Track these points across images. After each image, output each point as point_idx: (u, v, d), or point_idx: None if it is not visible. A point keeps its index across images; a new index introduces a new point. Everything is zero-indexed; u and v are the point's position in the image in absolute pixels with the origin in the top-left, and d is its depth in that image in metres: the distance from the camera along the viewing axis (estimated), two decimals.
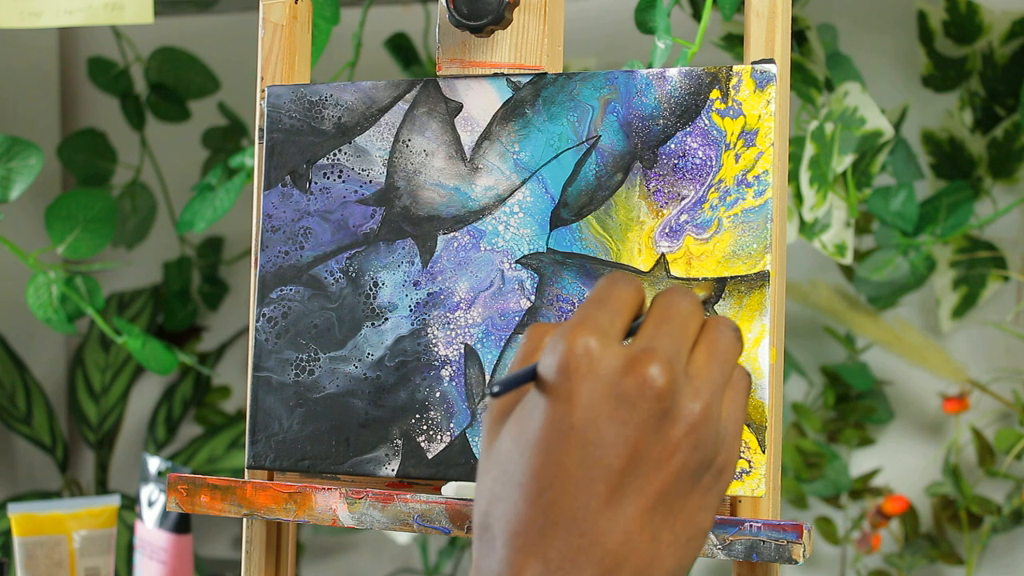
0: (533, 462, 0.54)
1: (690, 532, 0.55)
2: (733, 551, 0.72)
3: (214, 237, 1.59)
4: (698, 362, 0.56)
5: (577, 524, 0.53)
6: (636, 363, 0.54)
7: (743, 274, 0.75)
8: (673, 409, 0.54)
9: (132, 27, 1.51)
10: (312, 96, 0.84)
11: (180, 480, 0.83)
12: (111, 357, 1.60)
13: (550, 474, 0.54)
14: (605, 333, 0.55)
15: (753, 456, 0.73)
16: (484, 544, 0.55)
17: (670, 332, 0.55)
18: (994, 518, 1.29)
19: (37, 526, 1.15)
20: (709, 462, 0.55)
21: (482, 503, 0.56)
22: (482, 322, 0.79)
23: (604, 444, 0.53)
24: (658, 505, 0.54)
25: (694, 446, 0.54)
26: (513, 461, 0.55)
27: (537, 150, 0.79)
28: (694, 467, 0.55)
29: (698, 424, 0.54)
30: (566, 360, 0.54)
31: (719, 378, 0.56)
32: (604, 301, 0.56)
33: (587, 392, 0.54)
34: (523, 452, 0.54)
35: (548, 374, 0.54)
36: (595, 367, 0.54)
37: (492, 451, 0.56)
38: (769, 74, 0.75)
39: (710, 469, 0.55)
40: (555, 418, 0.54)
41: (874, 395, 1.37)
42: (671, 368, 0.54)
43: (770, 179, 0.75)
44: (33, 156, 1.12)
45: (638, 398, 0.53)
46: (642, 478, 0.54)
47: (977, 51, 1.29)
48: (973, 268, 1.30)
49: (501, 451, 0.56)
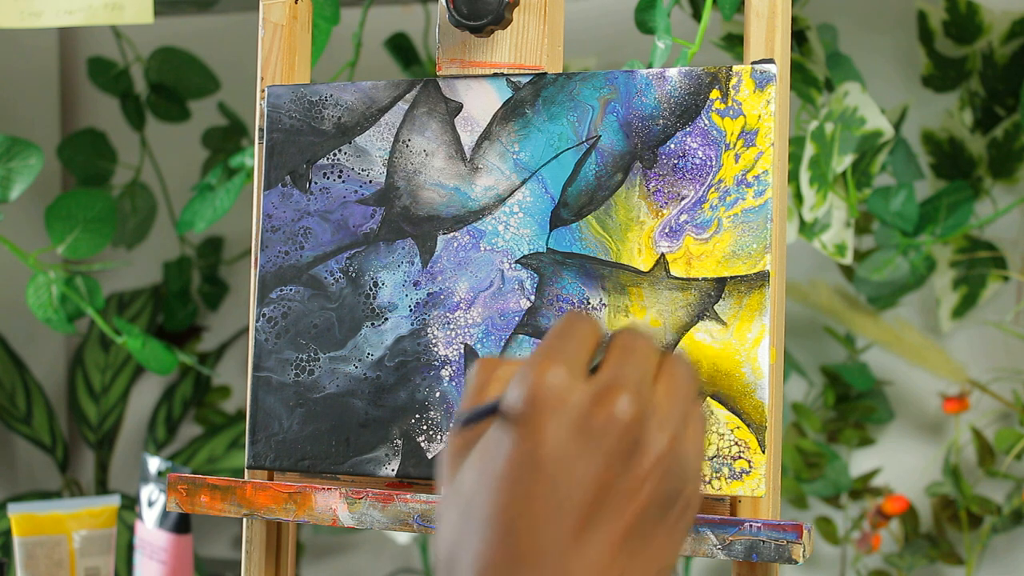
0: (499, 497, 0.53)
1: (658, 567, 0.54)
2: (733, 551, 0.72)
3: (214, 237, 1.59)
4: (660, 395, 0.55)
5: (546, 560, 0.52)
6: (605, 395, 0.53)
7: (743, 274, 0.75)
8: (641, 442, 0.53)
9: (132, 27, 1.51)
10: (312, 96, 0.84)
11: (180, 480, 0.83)
12: (111, 357, 1.60)
13: (517, 509, 0.52)
14: (573, 365, 0.54)
15: (753, 456, 0.73)
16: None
17: (634, 365, 0.55)
18: (994, 518, 1.29)
19: (37, 526, 1.15)
20: (677, 494, 0.55)
21: (446, 541, 0.55)
22: (482, 322, 0.79)
23: (573, 478, 0.52)
24: (627, 540, 0.53)
25: (662, 477, 0.54)
26: (478, 496, 0.53)
27: (537, 150, 0.79)
28: (662, 500, 0.54)
29: (665, 455, 0.54)
30: (534, 392, 0.53)
31: (681, 410, 0.56)
32: (568, 335, 0.56)
33: (556, 425, 0.52)
34: (488, 486, 0.53)
35: (515, 406, 0.53)
36: (564, 399, 0.53)
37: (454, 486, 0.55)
38: (769, 74, 0.75)
39: (677, 502, 0.55)
40: (522, 451, 0.52)
41: (874, 395, 1.37)
42: (639, 399, 0.53)
43: (770, 179, 0.75)
44: (33, 156, 1.12)
45: (608, 430, 0.53)
46: (611, 512, 0.53)
47: (977, 51, 1.29)
48: (973, 268, 1.30)
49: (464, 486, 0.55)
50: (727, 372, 0.74)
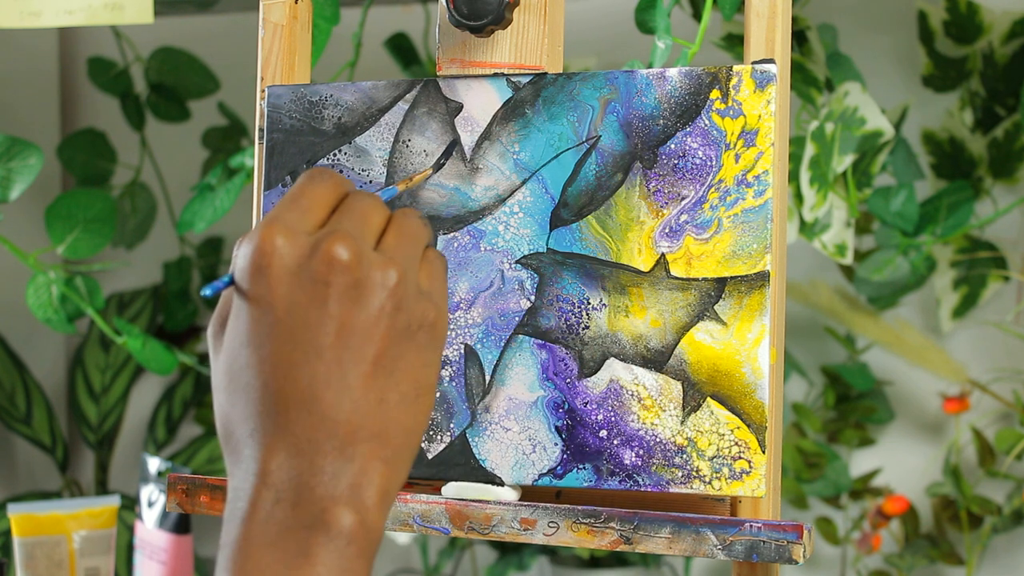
0: (252, 359, 0.57)
1: (417, 388, 0.59)
2: (733, 551, 0.72)
3: (214, 237, 1.59)
4: (387, 241, 0.60)
5: (306, 405, 0.56)
6: (320, 245, 0.57)
7: (743, 274, 0.75)
8: (365, 280, 0.57)
9: (132, 27, 1.50)
10: (312, 96, 0.84)
11: (180, 480, 0.83)
12: (111, 357, 1.60)
13: (270, 365, 0.57)
14: (292, 228, 0.58)
15: (753, 456, 0.73)
16: (231, 453, 0.58)
17: (352, 219, 0.60)
18: (994, 518, 1.29)
19: (37, 526, 1.15)
20: (419, 321, 0.59)
21: (220, 414, 0.59)
22: (482, 322, 0.79)
23: (311, 325, 0.57)
24: (377, 369, 0.58)
25: (396, 308, 0.58)
26: (236, 365, 0.58)
27: (537, 150, 0.79)
28: (403, 327, 0.58)
29: (395, 288, 0.58)
30: (257, 258, 0.57)
31: (410, 252, 0.60)
32: (296, 199, 0.60)
33: (282, 282, 0.57)
34: (241, 353, 0.58)
35: (243, 275, 0.58)
36: (284, 259, 0.57)
37: (217, 364, 0.60)
38: (769, 74, 0.75)
39: (422, 327, 0.59)
40: (259, 314, 0.57)
41: (874, 395, 1.37)
42: (355, 243, 0.58)
43: (770, 179, 0.75)
44: (33, 156, 1.12)
45: (329, 274, 0.57)
46: (356, 348, 0.57)
47: (977, 51, 1.29)
48: (973, 268, 1.30)
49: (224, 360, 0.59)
50: (727, 372, 0.74)
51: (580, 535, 0.75)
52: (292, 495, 0.56)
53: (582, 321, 0.77)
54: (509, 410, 0.78)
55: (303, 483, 0.56)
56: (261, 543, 0.55)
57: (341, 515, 0.56)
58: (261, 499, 0.56)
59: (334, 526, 0.56)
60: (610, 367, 0.76)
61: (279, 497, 0.56)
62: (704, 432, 0.74)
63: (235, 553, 0.56)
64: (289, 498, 0.56)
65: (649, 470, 0.75)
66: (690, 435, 0.75)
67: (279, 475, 0.56)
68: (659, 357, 0.76)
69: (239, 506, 0.57)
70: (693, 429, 0.75)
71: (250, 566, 0.55)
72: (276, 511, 0.56)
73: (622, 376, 0.76)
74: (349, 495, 0.56)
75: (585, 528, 0.75)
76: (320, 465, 0.56)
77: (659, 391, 0.75)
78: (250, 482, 0.57)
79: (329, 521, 0.56)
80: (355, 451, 0.57)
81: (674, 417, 0.75)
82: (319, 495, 0.56)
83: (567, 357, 0.77)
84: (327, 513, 0.56)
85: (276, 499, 0.56)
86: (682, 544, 0.73)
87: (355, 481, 0.57)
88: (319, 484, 0.56)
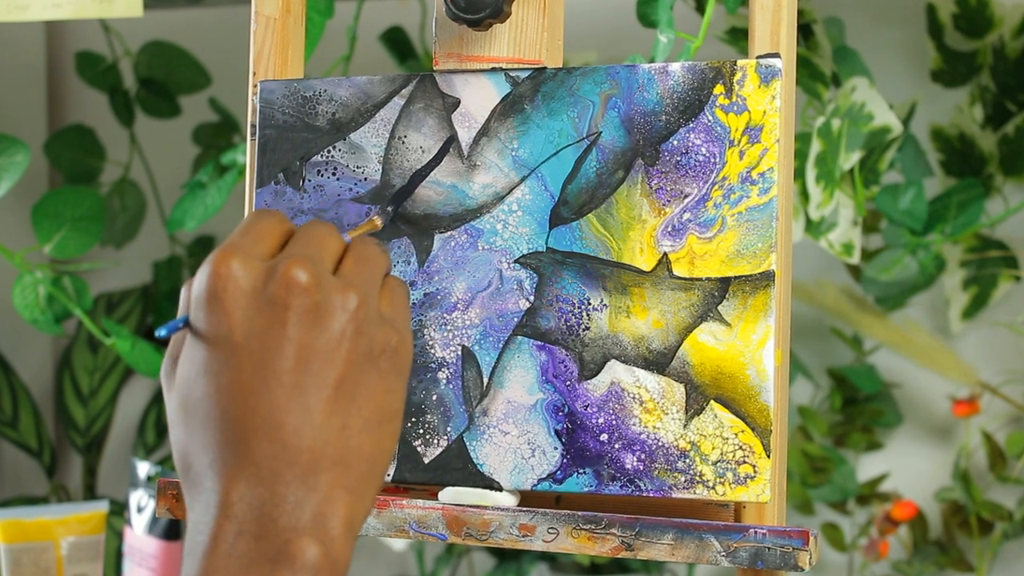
0: (210, 388, 0.57)
1: (380, 415, 0.59)
2: (737, 558, 0.72)
3: (205, 236, 1.59)
4: (346, 266, 0.61)
5: (266, 432, 0.56)
6: (278, 268, 0.58)
7: (747, 274, 0.75)
8: (325, 303, 0.58)
9: (121, 21, 1.50)
10: (306, 91, 0.84)
11: (170, 485, 0.83)
12: (99, 359, 1.60)
13: (229, 393, 0.57)
14: (247, 253, 0.59)
15: (758, 461, 0.73)
16: (191, 487, 0.58)
17: (308, 244, 0.60)
18: (1005, 524, 1.29)
19: (23, 532, 1.15)
20: (382, 346, 0.59)
21: (178, 449, 0.59)
22: (480, 323, 0.79)
23: (270, 349, 0.57)
24: (339, 394, 0.58)
25: (357, 332, 0.58)
26: (193, 396, 0.58)
27: (536, 147, 0.79)
28: (364, 352, 0.59)
29: (356, 311, 0.58)
30: (212, 284, 0.58)
31: (369, 277, 0.61)
32: (247, 230, 0.61)
33: (239, 306, 0.57)
34: (199, 383, 0.58)
35: (199, 303, 0.58)
36: (240, 284, 0.58)
37: (171, 399, 0.59)
38: (774, 69, 0.75)
39: (384, 352, 0.60)
40: (217, 341, 0.57)
41: (882, 398, 1.37)
42: (313, 266, 0.58)
43: (775, 176, 0.75)
44: (19, 153, 1.12)
45: (287, 297, 0.57)
46: (316, 372, 0.57)
47: (988, 45, 1.29)
48: (984, 268, 1.30)
49: (178, 394, 0.59)
50: (731, 375, 0.74)
51: (580, 541, 0.75)
52: (255, 527, 0.55)
53: (582, 322, 0.77)
54: (507, 413, 0.78)
55: (265, 514, 0.56)
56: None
57: (306, 547, 0.55)
58: (223, 531, 0.55)
59: (298, 559, 0.55)
60: (611, 369, 0.76)
61: (241, 529, 0.55)
62: (707, 436, 0.74)
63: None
64: (252, 530, 0.55)
65: (651, 475, 0.75)
66: (693, 439, 0.75)
67: (241, 506, 0.56)
68: (661, 359, 0.76)
69: (199, 539, 0.56)
70: (696, 433, 0.75)
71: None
72: (239, 544, 0.55)
73: (623, 378, 0.76)
74: (313, 526, 0.56)
75: (585, 534, 0.75)
76: (283, 495, 0.56)
77: (661, 394, 0.75)
78: (211, 514, 0.56)
79: (294, 553, 0.55)
80: (318, 480, 0.57)
81: (677, 420, 0.75)
82: (282, 526, 0.55)
83: (567, 359, 0.77)
84: (291, 545, 0.55)
85: (239, 531, 0.55)
86: (685, 551, 0.73)
87: (319, 511, 0.56)
88: (282, 515, 0.56)
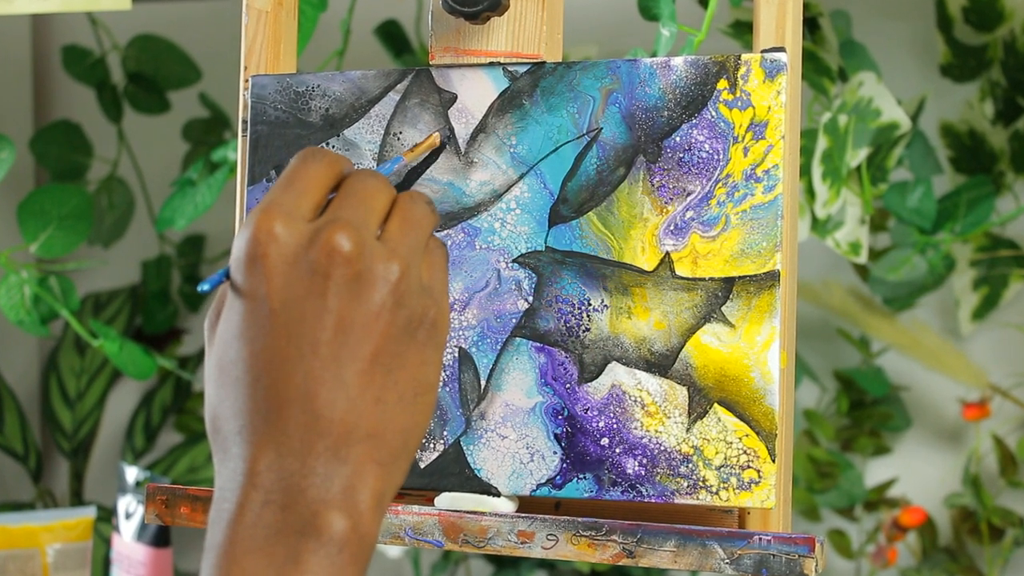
0: (244, 352, 0.57)
1: (416, 388, 0.59)
2: (742, 565, 0.72)
3: (195, 235, 1.59)
4: (391, 230, 0.60)
5: (299, 403, 0.56)
6: (321, 234, 0.57)
7: (752, 274, 0.75)
8: (367, 273, 0.58)
9: (109, 14, 1.50)
10: (298, 86, 0.84)
11: (159, 491, 0.83)
12: (87, 361, 1.60)
13: (263, 360, 0.57)
14: (289, 214, 0.58)
15: (763, 466, 0.73)
16: (219, 450, 0.58)
17: (354, 204, 0.59)
18: (1016, 530, 1.29)
19: (9, 539, 1.15)
20: (420, 318, 0.59)
21: (209, 409, 0.59)
22: (477, 324, 0.79)
23: (307, 319, 0.57)
24: (375, 367, 0.58)
25: (397, 304, 0.58)
26: (228, 358, 0.58)
27: (535, 143, 0.79)
28: (403, 324, 0.58)
29: (398, 282, 0.58)
30: (252, 247, 0.57)
31: (414, 243, 0.60)
32: (291, 182, 0.60)
33: (278, 273, 0.57)
34: (233, 345, 0.58)
35: (238, 265, 0.58)
36: (281, 247, 0.57)
37: (210, 356, 0.60)
38: (779, 63, 0.75)
39: (423, 324, 0.59)
40: (255, 305, 0.57)
41: (890, 401, 1.37)
42: (358, 233, 0.58)
43: (780, 174, 0.75)
44: (4, 149, 1.12)
45: (329, 266, 0.57)
46: (353, 344, 0.57)
47: (998, 39, 1.29)
48: (994, 267, 1.30)
49: (216, 352, 0.59)
50: (735, 377, 0.74)
51: (580, 548, 0.75)
52: (282, 497, 0.56)
53: (582, 323, 0.77)
54: (506, 417, 0.78)
55: (293, 485, 0.56)
56: (248, 548, 0.55)
57: (333, 520, 0.56)
58: (249, 501, 0.56)
59: (325, 531, 0.55)
60: (612, 371, 0.76)
61: (268, 499, 0.56)
62: (711, 440, 0.74)
63: (220, 559, 0.56)
64: (278, 500, 0.56)
65: (653, 480, 0.75)
66: (696, 443, 0.75)
67: (268, 476, 0.56)
68: (663, 361, 0.76)
69: (225, 507, 0.56)
70: (699, 437, 0.75)
71: (236, 572, 0.55)
72: (264, 514, 0.56)
73: (624, 381, 0.76)
74: (342, 499, 0.56)
75: (586, 541, 0.75)
76: (312, 466, 0.56)
77: (663, 397, 0.75)
78: (237, 482, 0.56)
79: (320, 526, 0.55)
80: (349, 452, 0.57)
81: (679, 424, 0.75)
82: (310, 498, 0.56)
83: (567, 361, 0.77)
84: (318, 517, 0.56)
85: (265, 501, 0.56)
86: (687, 558, 0.73)
87: (348, 484, 0.57)
88: (310, 486, 0.56)
